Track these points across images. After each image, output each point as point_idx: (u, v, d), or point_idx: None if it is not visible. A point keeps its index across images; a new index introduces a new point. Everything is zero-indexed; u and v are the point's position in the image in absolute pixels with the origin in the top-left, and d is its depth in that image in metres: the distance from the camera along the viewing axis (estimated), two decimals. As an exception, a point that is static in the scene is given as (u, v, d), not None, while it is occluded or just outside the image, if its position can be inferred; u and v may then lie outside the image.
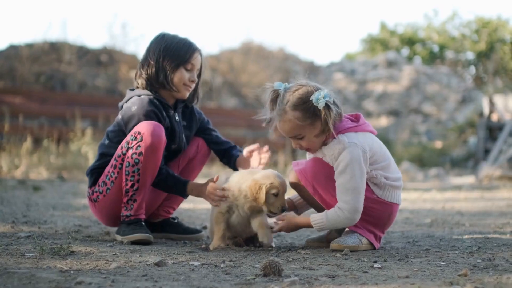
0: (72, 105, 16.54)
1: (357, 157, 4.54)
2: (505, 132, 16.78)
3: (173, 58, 5.08)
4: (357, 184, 4.53)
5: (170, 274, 3.71)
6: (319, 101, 4.51)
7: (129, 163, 4.88)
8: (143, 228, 4.97)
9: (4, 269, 3.62)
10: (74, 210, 7.29)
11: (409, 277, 3.73)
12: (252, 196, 4.67)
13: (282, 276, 3.72)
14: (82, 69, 20.62)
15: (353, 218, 4.58)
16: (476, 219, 7.22)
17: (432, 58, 36.06)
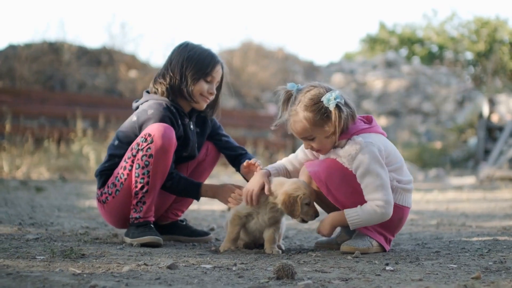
0: (72, 105, 16.51)
1: (376, 155, 4.54)
2: (505, 133, 16.78)
3: (195, 70, 5.08)
4: (383, 181, 4.53)
5: (183, 277, 3.70)
6: (330, 102, 4.51)
7: (139, 165, 4.87)
8: (153, 231, 4.96)
9: (16, 273, 3.61)
10: (79, 211, 7.27)
11: (423, 280, 3.72)
12: (287, 210, 4.64)
13: (295, 279, 3.71)
14: (81, 69, 20.59)
15: (388, 212, 4.56)
16: (482, 220, 7.21)
17: (431, 58, 36.06)
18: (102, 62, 21.23)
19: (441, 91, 28.17)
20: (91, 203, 8.20)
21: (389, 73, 28.87)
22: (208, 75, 5.10)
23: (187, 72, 5.06)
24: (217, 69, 5.14)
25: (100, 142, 14.30)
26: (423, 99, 27.65)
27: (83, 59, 20.82)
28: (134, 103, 5.24)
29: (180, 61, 5.08)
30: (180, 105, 5.14)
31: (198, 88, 5.09)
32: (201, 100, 5.15)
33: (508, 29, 35.75)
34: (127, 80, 20.85)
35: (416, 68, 30.17)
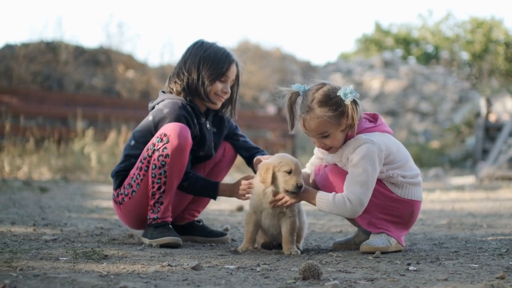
0: (70, 105, 16.45)
1: (372, 153, 4.56)
2: (505, 133, 16.81)
3: (210, 70, 5.07)
4: (368, 179, 4.55)
5: (209, 278, 3.70)
6: (347, 96, 4.53)
7: (156, 166, 4.86)
8: (172, 231, 4.95)
9: (43, 274, 3.60)
10: (89, 212, 7.26)
11: (448, 280, 3.73)
12: (261, 179, 4.67)
13: (322, 280, 3.71)
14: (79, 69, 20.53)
15: (357, 211, 4.59)
16: (490, 220, 7.22)
17: (426, 58, 36.12)
18: (100, 62, 21.18)
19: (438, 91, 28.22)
20: (99, 204, 8.19)
21: (386, 73, 28.91)
22: (223, 75, 5.09)
23: (203, 72, 5.05)
24: (232, 68, 5.14)
25: (100, 142, 14.28)
26: (420, 99, 27.70)
27: (80, 59, 20.77)
28: (150, 103, 5.23)
29: (196, 61, 5.07)
30: (196, 104, 5.13)
31: (213, 88, 5.08)
32: (216, 100, 5.14)
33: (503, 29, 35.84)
34: (124, 80, 20.81)
35: (413, 68, 30.23)
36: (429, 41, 37.61)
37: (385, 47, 37.45)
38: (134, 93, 20.25)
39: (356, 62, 31.77)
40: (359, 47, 39.90)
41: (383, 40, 38.41)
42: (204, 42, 5.17)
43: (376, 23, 39.78)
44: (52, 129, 14.73)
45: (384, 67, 29.97)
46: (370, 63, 30.70)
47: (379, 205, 4.69)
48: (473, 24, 36.54)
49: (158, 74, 21.57)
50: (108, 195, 9.70)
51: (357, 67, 29.94)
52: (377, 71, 29.12)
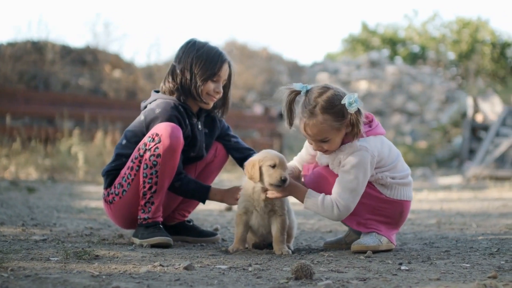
0: (57, 105, 16.37)
1: (365, 161, 4.56)
2: (491, 132, 16.86)
3: (203, 70, 5.04)
4: (358, 187, 4.56)
5: (202, 278, 3.69)
6: (352, 105, 4.49)
7: (147, 165, 4.84)
8: (162, 231, 4.93)
9: (35, 274, 3.58)
10: (77, 212, 7.22)
11: (440, 279, 3.73)
12: (249, 176, 4.68)
13: (314, 280, 3.70)
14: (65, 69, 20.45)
15: (342, 216, 4.62)
16: (479, 219, 7.23)
17: (413, 58, 36.20)
18: (86, 61, 21.11)
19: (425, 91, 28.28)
20: (88, 204, 8.16)
21: (373, 73, 28.95)
22: (216, 75, 5.07)
23: (196, 72, 5.03)
24: (224, 68, 5.11)
25: (86, 142, 14.22)
26: (407, 99, 27.75)
27: (67, 58, 20.67)
28: (142, 103, 5.20)
29: (189, 60, 5.05)
30: (188, 104, 5.11)
31: (206, 88, 5.06)
32: (208, 100, 5.12)
33: (489, 29, 35.96)
34: (111, 79, 20.75)
35: (400, 68, 30.27)
36: (415, 41, 37.68)
37: (371, 47, 37.48)
38: (120, 93, 20.20)
39: (343, 62, 31.79)
40: (345, 47, 39.93)
41: (369, 40, 38.46)
42: (197, 41, 5.15)
43: (362, 23, 39.83)
44: (39, 129, 14.65)
45: (371, 67, 30.00)
46: (357, 63, 30.73)
47: (368, 206, 4.70)
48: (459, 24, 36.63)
49: (145, 74, 21.52)
50: (96, 195, 9.68)
51: (344, 67, 29.96)
52: (364, 71, 29.15)
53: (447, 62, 36.00)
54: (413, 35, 37.88)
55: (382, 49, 36.89)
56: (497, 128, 16.81)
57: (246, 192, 4.80)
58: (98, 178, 12.32)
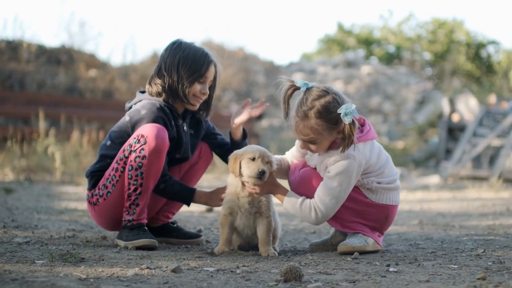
0: (32, 104, 16.25)
1: (351, 170, 4.55)
2: (468, 132, 16.94)
3: (190, 71, 4.99)
4: (340, 194, 4.56)
5: (190, 281, 3.66)
6: (347, 116, 4.46)
7: (132, 167, 4.78)
8: (147, 233, 4.88)
9: (21, 278, 3.53)
10: (58, 213, 7.14)
11: (430, 281, 3.73)
12: (230, 170, 4.68)
13: (303, 282, 3.69)
14: (41, 68, 20.30)
15: (320, 221, 4.63)
16: (461, 220, 7.26)
17: (388, 58, 36.30)
18: (62, 61, 20.96)
19: (401, 91, 28.37)
20: (67, 205, 8.08)
21: (349, 73, 28.99)
22: (202, 76, 5.03)
23: (182, 73, 4.98)
24: (211, 69, 5.08)
25: (63, 142, 14.10)
26: (383, 99, 27.81)
27: (42, 58, 20.52)
28: (127, 103, 5.14)
29: (175, 61, 4.99)
30: (174, 105, 5.06)
31: (192, 89, 5.02)
32: (194, 101, 5.08)
33: (464, 30, 36.16)
34: (87, 79, 20.62)
35: (376, 68, 30.34)
36: (390, 41, 37.80)
37: (347, 47, 37.54)
38: (96, 92, 20.09)
39: (319, 62, 31.83)
40: (321, 47, 39.97)
41: (345, 41, 38.51)
42: (183, 42, 5.09)
43: (338, 24, 39.97)
44: (15, 129, 14.53)
45: (347, 67, 30.05)
46: (333, 63, 30.77)
47: (353, 210, 4.69)
48: (434, 24, 36.79)
49: (121, 73, 21.41)
50: (75, 196, 9.61)
51: (320, 67, 29.98)
52: (340, 71, 29.19)
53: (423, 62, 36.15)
54: (389, 36, 37.99)
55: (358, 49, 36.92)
56: (474, 128, 16.88)
57: (231, 190, 4.78)
58: (76, 179, 12.24)
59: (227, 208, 4.79)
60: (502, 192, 12.19)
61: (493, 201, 9.98)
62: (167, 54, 5.05)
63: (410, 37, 37.39)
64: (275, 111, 25.27)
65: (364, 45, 37.71)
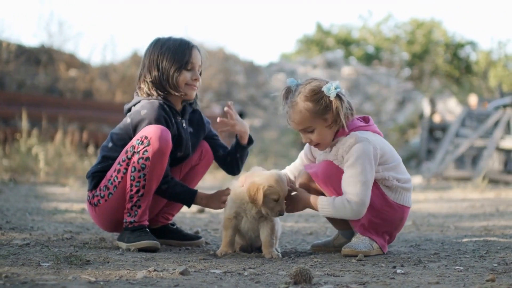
0: (12, 105, 16.13)
1: (368, 152, 4.52)
2: (451, 133, 17.02)
3: (172, 61, 4.95)
4: (367, 178, 4.51)
5: (200, 284, 3.62)
6: (330, 92, 4.51)
7: (135, 168, 4.74)
8: (149, 235, 4.84)
9: (31, 281, 3.48)
10: (50, 215, 7.07)
11: (440, 283, 3.72)
12: (250, 198, 4.59)
13: (314, 284, 3.67)
14: (20, 68, 20.16)
15: (360, 211, 4.54)
16: (453, 221, 7.28)
17: (367, 59, 36.42)
18: (41, 61, 20.81)
19: (381, 91, 28.46)
20: (57, 206, 8.01)
21: (329, 73, 29.02)
22: (188, 63, 4.99)
23: (165, 66, 4.93)
24: (194, 54, 5.02)
25: (45, 142, 14.00)
26: (364, 100, 27.87)
27: (21, 58, 20.37)
28: (126, 105, 5.09)
29: (155, 58, 4.95)
30: (172, 102, 5.02)
31: (182, 78, 4.98)
32: (188, 90, 5.03)
33: (442, 30, 36.36)
34: (67, 79, 20.51)
35: (356, 69, 30.41)
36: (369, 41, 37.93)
37: (326, 47, 37.63)
38: (77, 92, 19.98)
39: (299, 62, 31.84)
40: (300, 48, 40.03)
41: (324, 41, 38.59)
42: (160, 38, 5.07)
43: (317, 24, 40.05)
44: (-4, 129, 14.42)
45: (327, 68, 30.09)
46: (313, 63, 30.80)
47: (372, 207, 4.63)
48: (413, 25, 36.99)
49: (101, 73, 21.32)
50: (62, 197, 9.54)
51: (300, 67, 29.98)
52: (320, 72, 29.21)
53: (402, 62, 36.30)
54: (367, 36, 38.13)
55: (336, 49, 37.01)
56: (457, 129, 16.96)
57: (237, 198, 4.73)
58: (60, 179, 12.15)
59: (233, 212, 4.75)
60: (487, 192, 12.26)
61: (480, 201, 10.03)
62: (148, 54, 5.03)
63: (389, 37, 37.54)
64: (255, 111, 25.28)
65: (343, 46, 37.81)
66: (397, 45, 36.99)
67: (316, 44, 38.56)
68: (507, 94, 18.77)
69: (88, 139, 14.89)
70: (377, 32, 38.21)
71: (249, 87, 26.35)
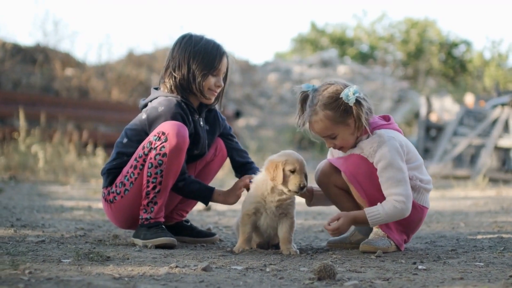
0: (9, 104, 16.07)
1: (398, 149, 4.52)
2: (449, 132, 17.02)
3: (202, 65, 4.91)
4: (405, 175, 4.52)
5: (225, 280, 3.61)
6: (349, 98, 4.48)
7: (152, 164, 4.70)
8: (166, 232, 4.81)
9: (56, 277, 3.46)
10: (59, 212, 7.03)
11: (464, 278, 3.70)
12: (271, 177, 4.55)
13: (338, 280, 3.65)
14: (16, 67, 20.09)
15: (408, 207, 4.52)
16: (461, 218, 7.27)
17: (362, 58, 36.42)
18: (37, 60, 20.75)
19: (377, 90, 28.45)
20: (62, 204, 7.98)
21: (325, 72, 29.00)
22: (216, 69, 4.96)
23: (194, 67, 4.90)
24: (223, 61, 5.01)
25: (43, 141, 13.94)
26: (360, 99, 27.83)
27: (17, 57, 20.31)
28: (142, 100, 5.05)
29: (186, 56, 4.91)
30: (189, 100, 4.99)
31: (206, 83, 4.95)
32: (210, 95, 5.00)
33: (437, 29, 36.40)
34: (63, 78, 20.44)
35: (352, 68, 30.40)
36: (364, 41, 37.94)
37: (320, 46, 37.61)
38: (73, 92, 19.92)
39: (295, 61, 31.82)
40: (294, 47, 40.01)
41: (318, 40, 38.58)
42: (193, 35, 5.01)
43: (311, 23, 39.96)
44: (-6, 127, 14.37)
45: (323, 67, 30.08)
46: (309, 62, 30.78)
47: None
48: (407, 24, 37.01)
49: (98, 72, 21.26)
50: (65, 195, 9.51)
51: (296, 67, 29.96)
52: (316, 71, 29.21)
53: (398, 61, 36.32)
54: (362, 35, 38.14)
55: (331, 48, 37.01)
56: (455, 128, 16.96)
57: (256, 192, 4.70)
58: (60, 178, 12.09)
59: (252, 208, 4.71)
60: (487, 190, 12.26)
61: (482, 199, 10.02)
62: (177, 49, 4.97)
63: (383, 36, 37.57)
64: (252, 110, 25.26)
65: (337, 45, 37.79)
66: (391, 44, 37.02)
67: (311, 43, 38.54)
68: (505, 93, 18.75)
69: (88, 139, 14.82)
70: (371, 31, 38.23)
71: (245, 86, 26.31)
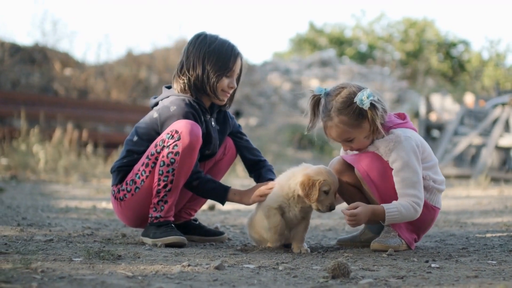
0: (8, 104, 16.03)
1: (414, 150, 4.50)
2: (450, 131, 17.02)
3: (217, 65, 4.86)
4: (420, 177, 4.50)
5: (239, 278, 3.58)
6: (363, 102, 4.44)
7: (164, 163, 4.67)
8: (176, 231, 4.78)
9: (69, 276, 3.43)
10: (63, 212, 7.00)
11: (478, 277, 3.68)
12: (304, 193, 4.48)
13: (352, 278, 3.62)
14: (15, 67, 20.06)
15: (420, 211, 4.51)
16: (467, 217, 7.25)
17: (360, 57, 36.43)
18: (36, 60, 20.73)
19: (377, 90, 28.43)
20: (66, 203, 7.94)
21: (324, 72, 29.02)
22: (230, 70, 4.93)
23: (209, 68, 4.86)
24: (238, 62, 4.97)
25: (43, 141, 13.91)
26: (359, 98, 27.84)
27: (16, 57, 20.28)
28: (153, 99, 5.02)
29: (200, 56, 4.86)
30: (201, 100, 4.95)
31: (220, 84, 4.91)
32: (223, 96, 4.96)
33: (435, 29, 36.42)
34: (62, 78, 20.42)
35: (351, 67, 30.40)
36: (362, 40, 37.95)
37: (318, 46, 37.62)
38: (72, 91, 19.91)
39: (294, 61, 31.80)
40: (293, 47, 40.01)
41: (316, 40, 38.58)
42: (208, 35, 4.97)
43: (310, 23, 39.96)
44: (-5, 127, 14.33)
45: (322, 66, 30.07)
46: (308, 62, 30.77)
47: None
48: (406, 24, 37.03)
49: (97, 72, 21.24)
50: (67, 194, 9.47)
51: (295, 66, 29.95)
52: (315, 70, 29.20)
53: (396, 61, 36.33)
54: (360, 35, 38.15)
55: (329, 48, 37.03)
56: (456, 127, 16.96)
57: (281, 193, 4.64)
58: (61, 178, 12.06)
59: (277, 205, 4.65)
60: (489, 190, 12.23)
61: (485, 199, 9.99)
62: (191, 48, 4.93)
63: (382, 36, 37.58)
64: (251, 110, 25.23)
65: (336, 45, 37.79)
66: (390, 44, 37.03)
67: (309, 43, 38.54)
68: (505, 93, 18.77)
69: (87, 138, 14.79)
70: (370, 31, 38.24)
71: (244, 86, 26.27)
